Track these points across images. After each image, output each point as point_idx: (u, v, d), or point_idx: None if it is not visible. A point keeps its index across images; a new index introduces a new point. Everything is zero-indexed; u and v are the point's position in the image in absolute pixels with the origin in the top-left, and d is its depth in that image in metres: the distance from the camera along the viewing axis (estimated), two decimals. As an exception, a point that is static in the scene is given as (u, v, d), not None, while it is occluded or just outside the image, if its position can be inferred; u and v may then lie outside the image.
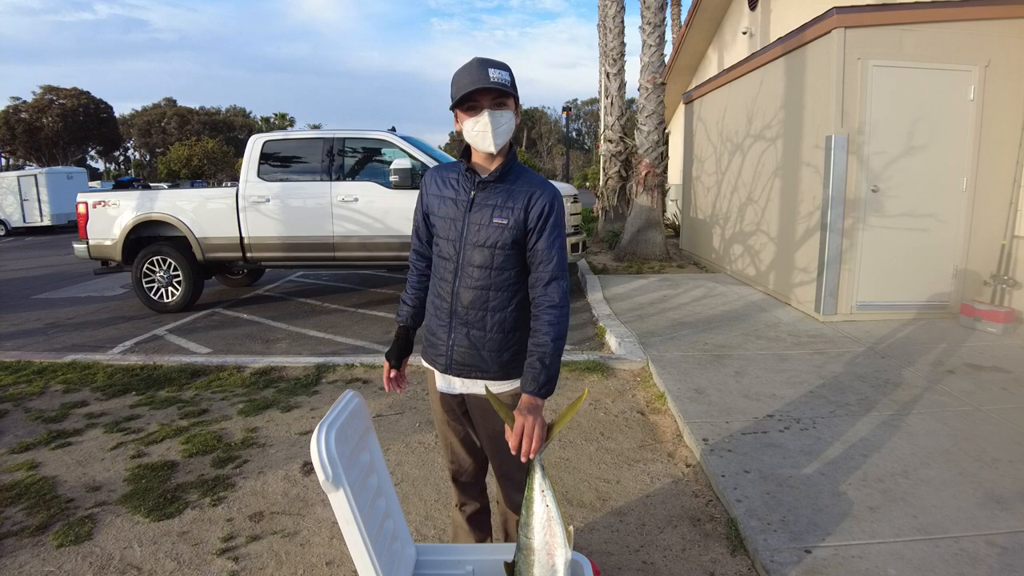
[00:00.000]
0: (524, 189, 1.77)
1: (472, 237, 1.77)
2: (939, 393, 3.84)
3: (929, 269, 5.59)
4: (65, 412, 4.00)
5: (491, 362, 1.81)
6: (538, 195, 1.75)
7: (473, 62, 1.71)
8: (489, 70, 1.68)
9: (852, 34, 5.26)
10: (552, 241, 1.74)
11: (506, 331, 1.81)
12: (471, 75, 1.68)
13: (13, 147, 44.50)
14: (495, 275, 1.77)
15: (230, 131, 59.29)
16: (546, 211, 1.74)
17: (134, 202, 6.91)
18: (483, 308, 1.79)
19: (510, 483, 1.98)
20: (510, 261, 1.77)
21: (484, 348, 1.80)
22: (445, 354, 1.85)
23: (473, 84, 1.66)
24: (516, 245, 1.76)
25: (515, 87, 1.75)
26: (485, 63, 1.70)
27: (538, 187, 1.78)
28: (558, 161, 62.42)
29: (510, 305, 1.80)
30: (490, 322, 1.79)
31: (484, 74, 1.67)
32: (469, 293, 1.79)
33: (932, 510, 2.57)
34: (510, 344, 1.82)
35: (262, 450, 3.42)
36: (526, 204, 1.75)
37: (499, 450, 1.88)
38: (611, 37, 11.68)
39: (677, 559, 2.41)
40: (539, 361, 1.65)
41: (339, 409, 1.59)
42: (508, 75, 1.72)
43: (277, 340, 5.78)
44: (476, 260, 1.77)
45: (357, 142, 6.73)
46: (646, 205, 9.69)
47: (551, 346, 1.66)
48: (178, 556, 2.49)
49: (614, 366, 4.60)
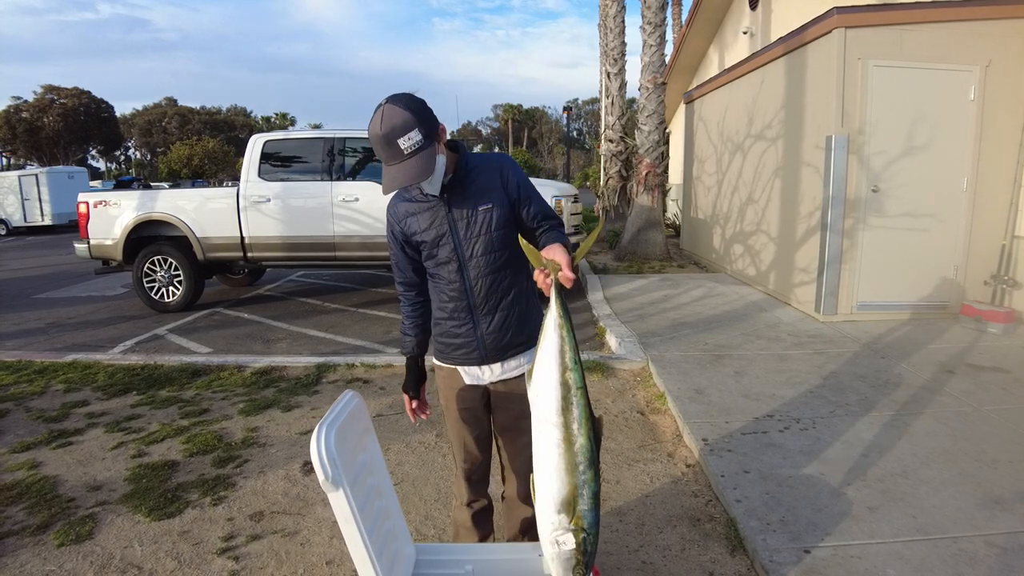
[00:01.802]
0: (488, 171, 1.84)
1: (464, 232, 1.83)
2: (939, 393, 3.84)
3: (929, 269, 5.59)
4: (66, 412, 4.01)
5: (520, 337, 1.91)
6: (504, 170, 1.85)
7: (378, 136, 1.62)
8: (399, 142, 1.61)
9: (853, 34, 5.26)
10: (540, 199, 1.87)
11: (525, 302, 1.92)
12: (384, 151, 1.63)
13: (14, 146, 44.54)
14: (499, 256, 1.85)
15: (231, 131, 59.32)
16: (519, 178, 1.86)
17: (135, 202, 6.92)
18: (499, 290, 1.87)
19: (520, 475, 2.03)
20: (507, 239, 1.84)
21: (513, 326, 1.90)
22: (477, 348, 1.91)
23: (390, 160, 1.64)
24: (507, 223, 1.84)
25: (428, 125, 1.65)
26: (391, 136, 1.60)
27: (497, 164, 1.86)
28: (559, 161, 62.41)
29: (520, 276, 1.90)
30: (510, 300, 1.89)
31: (395, 150, 1.62)
32: (483, 281, 1.85)
33: (931, 510, 2.57)
34: (532, 314, 1.94)
35: (263, 450, 3.43)
36: (501, 183, 1.83)
37: (514, 440, 1.99)
38: (612, 37, 11.68)
39: (676, 559, 2.42)
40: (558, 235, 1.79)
41: (339, 409, 1.60)
42: (416, 129, 1.62)
43: (278, 340, 5.79)
44: (479, 250, 1.83)
45: (358, 142, 6.73)
46: (647, 205, 9.69)
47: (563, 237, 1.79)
48: (179, 555, 2.50)
49: (614, 366, 4.60)
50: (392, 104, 1.63)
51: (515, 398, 1.94)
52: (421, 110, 1.66)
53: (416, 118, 1.63)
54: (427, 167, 1.66)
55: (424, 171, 1.65)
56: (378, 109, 1.65)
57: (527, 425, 1.75)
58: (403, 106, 1.63)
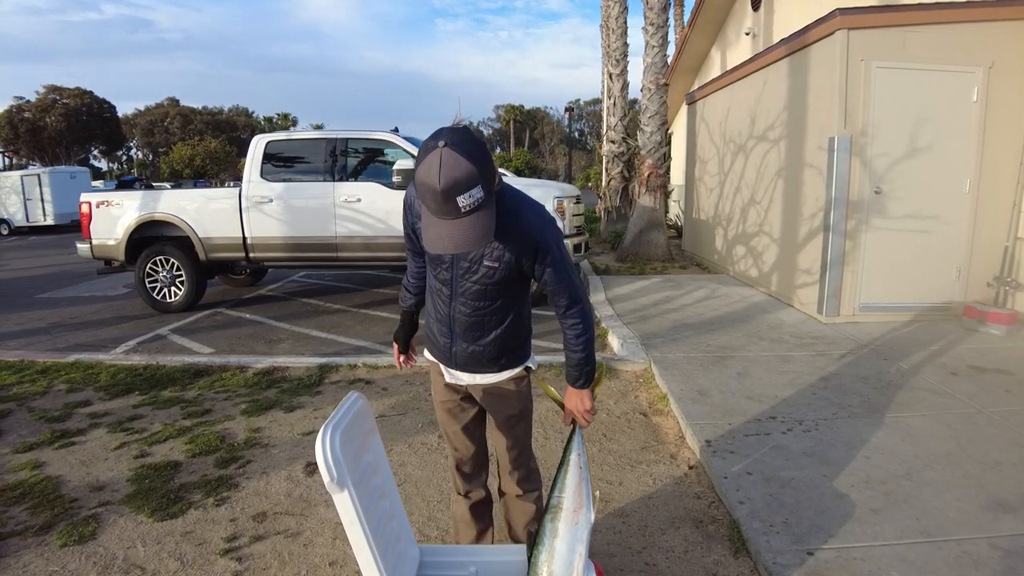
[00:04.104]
0: (521, 233, 1.64)
1: (463, 273, 1.76)
2: (942, 395, 3.84)
3: (932, 271, 5.58)
4: (68, 412, 4.01)
5: (492, 364, 1.89)
6: (541, 248, 1.65)
7: (435, 191, 1.37)
8: (458, 199, 1.38)
9: (855, 35, 5.26)
10: (558, 270, 1.69)
11: (502, 342, 1.86)
12: (436, 205, 1.40)
13: (16, 146, 44.61)
14: (488, 305, 1.79)
15: (233, 131, 59.39)
16: (542, 248, 1.65)
17: (137, 202, 6.92)
18: (479, 330, 1.83)
19: (519, 470, 2.06)
20: (504, 291, 1.77)
21: (484, 356, 1.88)
22: (449, 358, 1.93)
23: (443, 215, 1.42)
24: (508, 281, 1.74)
25: (489, 177, 1.44)
26: (451, 193, 1.37)
27: (526, 229, 1.64)
28: (560, 161, 62.39)
29: (504, 323, 1.84)
30: (487, 339, 1.85)
31: (451, 206, 1.39)
32: (465, 319, 1.82)
33: (935, 512, 2.57)
34: (508, 350, 1.90)
35: (265, 450, 3.43)
36: (517, 252, 1.66)
37: (511, 435, 2.00)
38: (614, 38, 11.68)
39: (680, 561, 2.42)
40: (575, 369, 1.83)
41: (344, 410, 1.60)
42: (480, 185, 1.40)
43: (280, 340, 5.79)
44: (470, 293, 1.78)
45: (360, 142, 6.74)
46: (648, 206, 9.69)
47: (582, 355, 1.81)
48: (182, 556, 2.50)
49: (617, 367, 4.60)
50: (452, 151, 1.37)
51: (495, 399, 1.96)
52: (482, 157, 1.41)
53: (480, 171, 1.39)
54: (487, 230, 1.46)
55: (484, 235, 1.45)
56: (432, 152, 1.38)
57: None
58: (465, 155, 1.37)
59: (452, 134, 1.41)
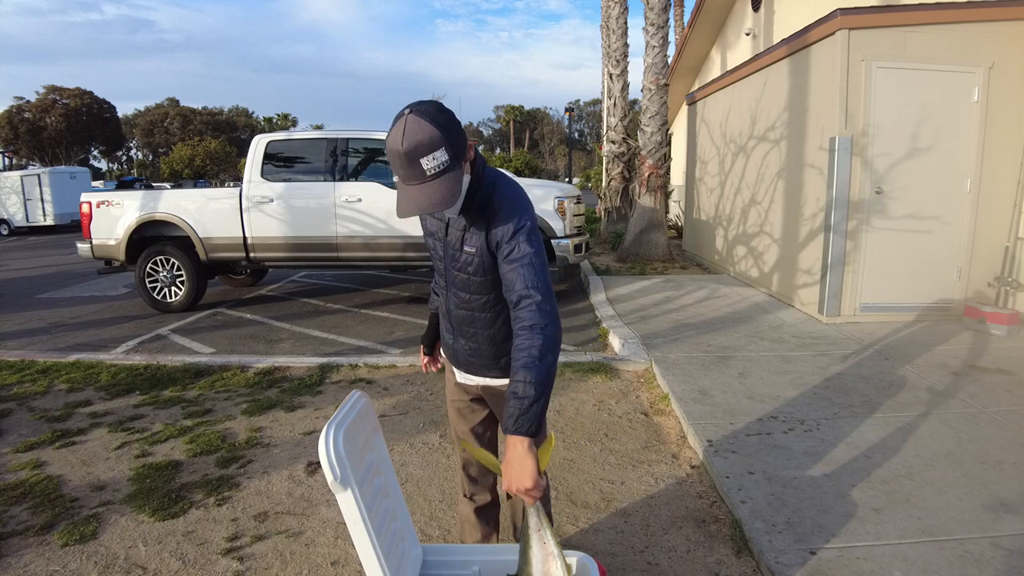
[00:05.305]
0: (488, 215, 1.62)
1: (451, 261, 1.77)
2: (943, 395, 3.84)
3: (933, 271, 5.59)
4: (69, 411, 4.01)
5: (491, 366, 1.87)
6: (497, 221, 1.60)
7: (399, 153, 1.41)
8: (422, 161, 1.42)
9: (856, 35, 5.26)
10: (513, 262, 1.57)
11: (498, 343, 1.83)
12: (403, 168, 1.44)
13: (16, 147, 44.63)
14: (474, 299, 1.77)
15: (233, 131, 59.44)
16: (507, 234, 1.58)
17: (137, 202, 6.92)
18: (472, 325, 1.82)
19: None
20: (486, 286, 1.72)
21: (482, 356, 1.86)
22: (454, 355, 1.94)
23: (409, 180, 1.46)
24: (489, 271, 1.69)
25: (456, 143, 1.46)
26: (413, 155, 1.41)
27: (500, 212, 1.60)
28: (560, 162, 62.45)
29: (496, 322, 1.79)
30: (481, 337, 1.83)
31: (416, 170, 1.43)
32: (457, 312, 1.83)
33: (937, 512, 2.57)
34: (507, 351, 1.83)
35: (266, 450, 3.43)
36: (486, 233, 1.63)
37: None
38: (614, 38, 11.69)
39: (682, 560, 2.41)
40: (512, 395, 1.45)
41: (346, 409, 1.60)
42: (444, 148, 1.43)
43: (280, 340, 5.79)
44: (458, 283, 1.78)
45: (360, 142, 6.74)
46: (649, 206, 9.69)
47: (523, 374, 1.45)
48: (183, 556, 2.50)
49: (618, 367, 4.60)
50: (417, 116, 1.42)
51: (500, 402, 1.93)
52: (449, 125, 1.45)
53: (444, 135, 1.43)
54: (452, 193, 1.47)
55: (448, 198, 1.47)
56: (399, 119, 1.44)
57: None
58: (429, 120, 1.42)
59: (420, 103, 1.47)
